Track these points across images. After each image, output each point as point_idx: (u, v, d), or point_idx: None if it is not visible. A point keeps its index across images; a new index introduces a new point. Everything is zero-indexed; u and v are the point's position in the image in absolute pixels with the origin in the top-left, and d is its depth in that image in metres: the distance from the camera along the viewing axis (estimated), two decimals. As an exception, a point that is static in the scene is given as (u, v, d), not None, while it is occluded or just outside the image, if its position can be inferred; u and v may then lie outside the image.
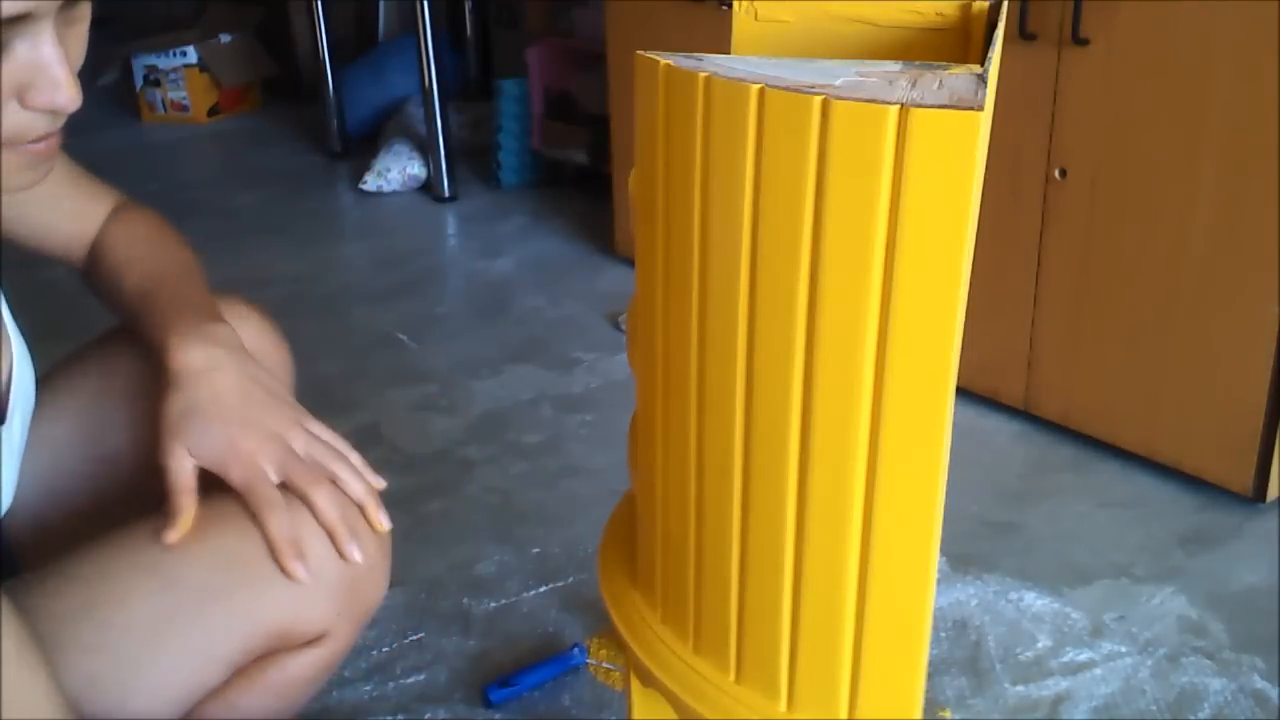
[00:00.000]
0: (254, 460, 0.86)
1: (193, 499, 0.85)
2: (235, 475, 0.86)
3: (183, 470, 0.85)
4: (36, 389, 0.97)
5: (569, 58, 3.06)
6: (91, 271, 1.03)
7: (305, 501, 0.86)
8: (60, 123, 0.73)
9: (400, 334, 2.37)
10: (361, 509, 0.89)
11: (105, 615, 0.80)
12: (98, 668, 0.79)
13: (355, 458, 0.91)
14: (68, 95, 0.70)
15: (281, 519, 0.85)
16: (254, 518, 0.85)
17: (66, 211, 1.01)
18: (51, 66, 0.69)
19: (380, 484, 0.91)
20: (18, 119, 0.70)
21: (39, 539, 0.99)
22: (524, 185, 3.24)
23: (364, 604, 0.90)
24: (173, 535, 0.83)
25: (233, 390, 0.88)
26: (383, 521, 0.90)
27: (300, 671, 0.89)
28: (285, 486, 0.87)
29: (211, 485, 0.88)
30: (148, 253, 1.01)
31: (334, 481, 0.88)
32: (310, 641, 0.88)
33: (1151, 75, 1.58)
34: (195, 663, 0.82)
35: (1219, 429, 1.64)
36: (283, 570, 0.84)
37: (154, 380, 1.00)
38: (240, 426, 0.86)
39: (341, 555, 0.86)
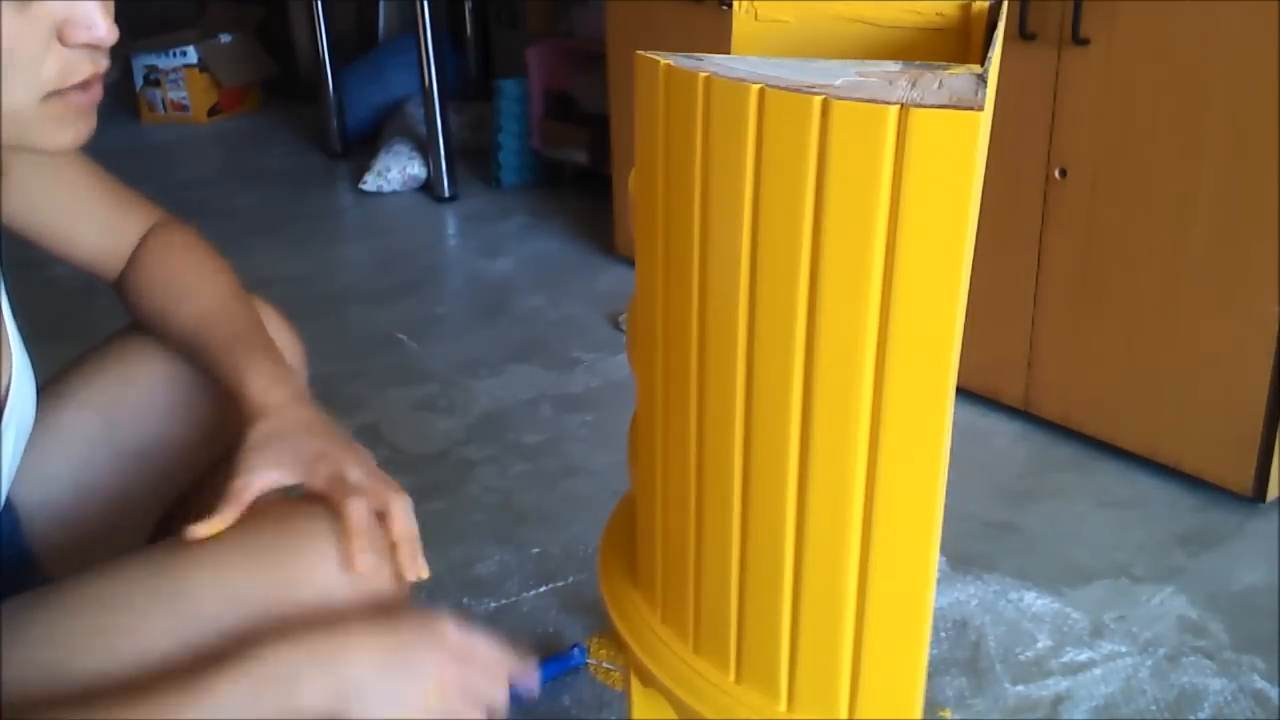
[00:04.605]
0: (339, 464, 0.89)
1: (237, 512, 0.85)
2: (321, 474, 0.88)
3: (248, 486, 0.86)
4: (46, 390, 0.97)
5: (569, 58, 3.06)
6: (131, 291, 1.03)
7: (340, 509, 0.86)
8: (101, 66, 0.76)
9: (400, 334, 2.37)
10: (395, 547, 0.89)
11: (116, 643, 0.80)
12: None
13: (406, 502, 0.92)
14: (105, 26, 0.74)
15: (362, 511, 0.86)
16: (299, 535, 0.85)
17: (97, 221, 1.01)
18: (85, 2, 0.73)
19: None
20: (61, 58, 0.74)
21: (63, 534, 0.99)
22: (524, 185, 3.24)
23: None
24: (200, 530, 0.83)
25: (312, 420, 0.92)
26: (417, 568, 0.88)
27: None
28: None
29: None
30: (196, 283, 1.02)
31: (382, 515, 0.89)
32: None
33: (1151, 75, 1.57)
34: None
35: (1219, 429, 1.64)
36: (348, 558, 0.84)
37: (180, 376, 1.02)
38: (324, 441, 0.90)
39: (348, 560, 0.85)
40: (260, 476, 0.87)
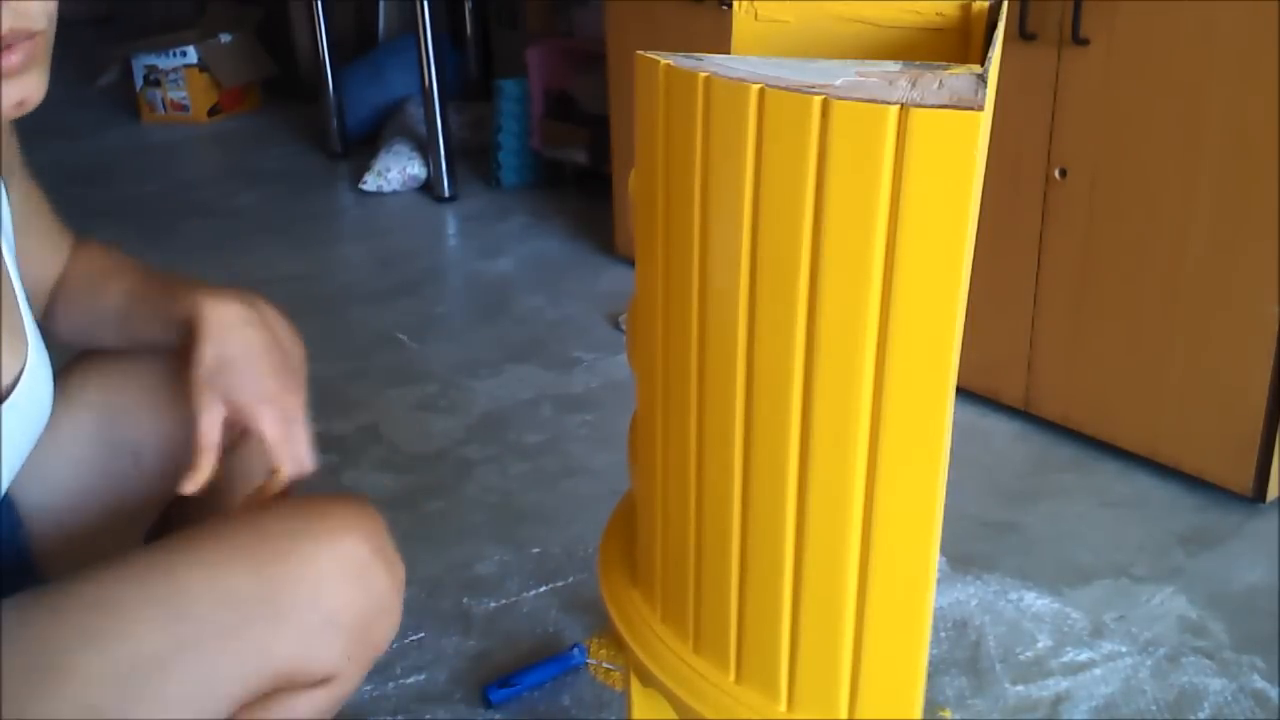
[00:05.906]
0: (290, 407, 0.91)
1: (213, 456, 0.87)
2: (268, 419, 0.90)
3: (211, 427, 0.88)
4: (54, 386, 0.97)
5: (569, 58, 3.06)
6: (58, 298, 1.01)
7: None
8: (20, 21, 0.71)
9: (400, 334, 2.37)
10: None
11: (109, 645, 0.79)
12: (98, 699, 0.77)
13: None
14: None
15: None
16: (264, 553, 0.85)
17: (39, 238, 0.99)
18: None
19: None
20: None
21: (61, 534, 0.99)
22: (524, 185, 3.24)
23: (374, 646, 0.89)
24: (189, 486, 0.85)
25: (264, 346, 0.91)
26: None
27: (304, 711, 0.87)
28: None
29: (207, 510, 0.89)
30: (121, 265, 1.02)
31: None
32: (317, 681, 0.87)
33: (1151, 75, 1.57)
34: (198, 701, 0.81)
35: (1219, 429, 1.64)
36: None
37: (177, 373, 1.01)
38: (273, 377, 0.90)
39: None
40: (215, 416, 0.89)
